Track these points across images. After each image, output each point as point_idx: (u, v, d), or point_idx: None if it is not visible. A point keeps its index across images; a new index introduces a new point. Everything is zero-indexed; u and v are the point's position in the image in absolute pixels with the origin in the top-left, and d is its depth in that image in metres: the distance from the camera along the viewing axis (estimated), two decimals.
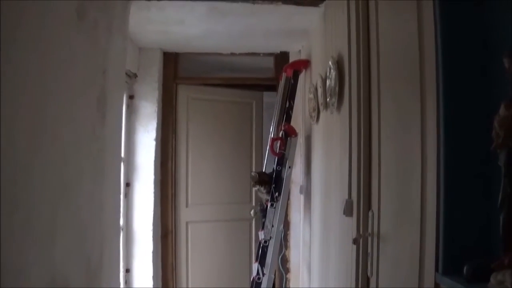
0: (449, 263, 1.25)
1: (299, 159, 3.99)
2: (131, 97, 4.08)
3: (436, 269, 1.28)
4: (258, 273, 3.22)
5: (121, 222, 3.65)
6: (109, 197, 2.09)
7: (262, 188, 3.30)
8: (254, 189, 3.37)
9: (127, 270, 4.03)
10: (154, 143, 4.13)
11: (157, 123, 4.17)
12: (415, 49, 1.51)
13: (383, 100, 1.86)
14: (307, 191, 3.72)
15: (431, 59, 1.36)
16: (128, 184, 4.05)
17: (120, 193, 2.48)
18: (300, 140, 3.87)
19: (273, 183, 3.31)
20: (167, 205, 4.33)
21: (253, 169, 4.59)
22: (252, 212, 3.92)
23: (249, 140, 4.73)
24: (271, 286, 3.21)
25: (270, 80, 4.34)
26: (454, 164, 1.25)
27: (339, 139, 2.50)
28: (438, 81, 1.30)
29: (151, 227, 4.08)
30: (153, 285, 4.04)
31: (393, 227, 1.70)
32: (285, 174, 3.27)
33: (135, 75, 4.04)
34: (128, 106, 4.02)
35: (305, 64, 3.68)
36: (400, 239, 1.63)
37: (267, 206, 3.35)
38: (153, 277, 4.07)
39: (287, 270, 4.29)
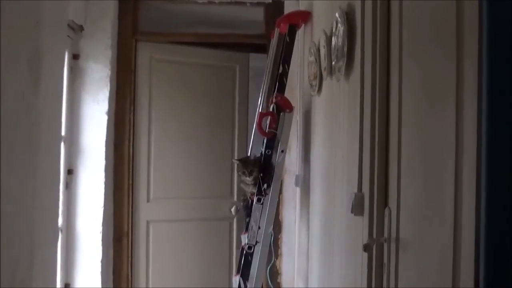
0: (493, 277, 1.22)
1: (295, 141, 3.94)
2: (75, 56, 4.04)
3: (476, 286, 1.25)
4: None
5: (60, 221, 3.55)
6: (44, 188, 2.05)
7: (247, 178, 3.28)
8: (240, 176, 3.35)
9: (67, 285, 3.97)
10: (105, 117, 4.09)
11: (110, 92, 4.12)
12: None
13: (406, 64, 1.83)
14: (304, 182, 3.67)
15: (472, 8, 1.30)
16: (70, 171, 4.03)
17: (59, 183, 2.43)
18: (297, 117, 3.80)
19: (260, 171, 3.26)
20: (122, 199, 4.28)
21: (236, 155, 4.61)
22: (233, 209, 3.90)
23: (230, 116, 4.69)
24: None
25: (259, 38, 4.37)
26: (502, 148, 1.19)
27: (347, 115, 2.48)
28: (482, 39, 1.24)
29: (100, 228, 4.01)
30: None
31: (418, 230, 1.68)
32: (276, 160, 3.22)
33: (81, 28, 3.99)
34: (71, 69, 3.98)
35: (305, 17, 3.61)
36: (427, 245, 1.61)
37: (252, 202, 3.30)
38: None
39: (277, 285, 4.28)
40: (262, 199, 3.23)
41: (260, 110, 3.56)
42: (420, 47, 1.72)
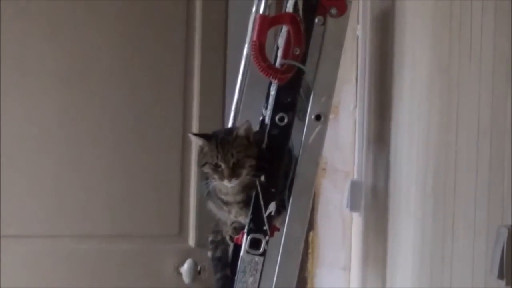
0: None
1: (351, 94, 3.75)
2: None
3: None
4: None
5: None
6: None
7: (227, 183, 2.90)
8: (208, 180, 3.06)
9: None
10: None
11: None
12: None
13: None
14: (375, 201, 3.46)
15: None
16: None
17: None
18: (357, 30, 3.56)
19: (261, 167, 2.94)
20: None
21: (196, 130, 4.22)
22: (184, 268, 4.04)
23: (181, 48, 4.41)
24: None
25: None
26: None
27: (491, 38, 2.19)
28: None
29: None
30: None
31: None
32: (302, 142, 2.89)
33: None
34: None
35: None
36: None
37: (237, 249, 2.97)
38: None
39: None
40: (263, 244, 2.84)
41: (259, 11, 3.15)
42: None
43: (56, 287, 4.39)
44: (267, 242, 2.90)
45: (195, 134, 3.23)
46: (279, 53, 2.98)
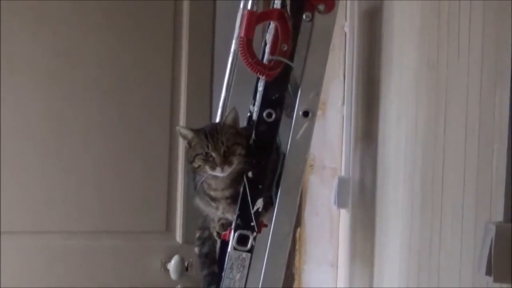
0: None
1: (339, 91, 3.79)
2: None
3: None
4: None
5: None
6: None
7: (218, 172, 2.92)
8: (195, 173, 3.06)
9: None
10: None
11: None
12: None
13: None
14: (362, 198, 3.52)
15: None
16: None
17: None
18: (345, 26, 3.59)
19: (249, 163, 2.96)
20: None
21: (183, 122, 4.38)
22: (172, 264, 4.06)
23: (169, 45, 4.51)
24: None
25: None
26: None
27: (480, 29, 2.28)
28: None
29: None
30: None
31: None
32: (290, 138, 2.92)
33: None
34: None
35: None
36: None
37: (225, 245, 3.01)
38: None
39: None
40: (250, 240, 2.89)
41: (247, 7, 3.11)
42: None
43: (44, 281, 4.48)
44: (254, 239, 2.95)
45: (185, 127, 3.34)
46: (267, 49, 3.04)
